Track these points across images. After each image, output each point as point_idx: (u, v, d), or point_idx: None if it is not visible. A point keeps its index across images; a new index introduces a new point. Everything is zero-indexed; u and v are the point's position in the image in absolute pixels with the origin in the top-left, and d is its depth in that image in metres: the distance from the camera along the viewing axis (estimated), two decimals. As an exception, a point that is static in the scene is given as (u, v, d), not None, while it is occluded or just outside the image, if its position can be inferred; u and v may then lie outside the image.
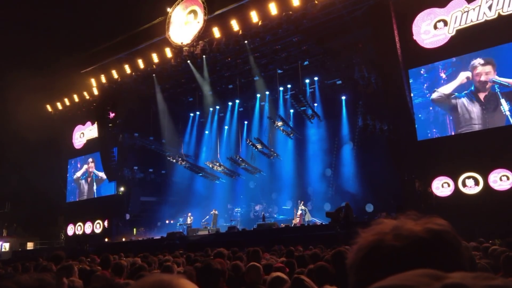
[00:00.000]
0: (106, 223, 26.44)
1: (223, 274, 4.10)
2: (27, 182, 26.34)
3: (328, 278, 3.94)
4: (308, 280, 2.63)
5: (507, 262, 4.25)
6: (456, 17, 16.13)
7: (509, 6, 15.02)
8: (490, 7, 15.42)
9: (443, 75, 16.51)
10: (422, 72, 16.99)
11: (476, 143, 15.11)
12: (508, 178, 14.36)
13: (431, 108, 16.66)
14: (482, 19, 15.57)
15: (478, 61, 15.68)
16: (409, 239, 0.88)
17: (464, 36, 15.89)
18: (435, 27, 16.60)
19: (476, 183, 14.94)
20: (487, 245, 6.92)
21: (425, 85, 16.90)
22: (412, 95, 16.91)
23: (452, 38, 16.23)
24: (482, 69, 15.54)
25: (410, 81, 17.03)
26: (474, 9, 15.76)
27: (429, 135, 16.54)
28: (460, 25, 16.05)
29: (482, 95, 15.54)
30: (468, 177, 15.08)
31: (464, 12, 15.96)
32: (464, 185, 15.17)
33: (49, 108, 29.37)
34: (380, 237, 0.91)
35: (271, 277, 3.84)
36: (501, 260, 4.58)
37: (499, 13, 15.22)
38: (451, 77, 16.30)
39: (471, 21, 15.79)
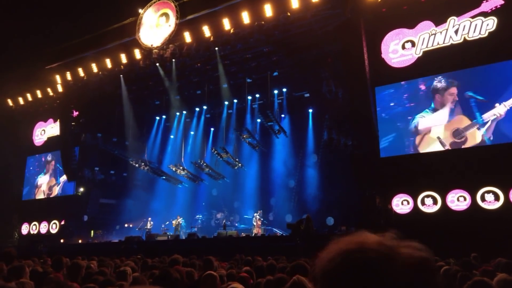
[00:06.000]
0: (62, 223, 25.62)
1: (181, 284, 4.01)
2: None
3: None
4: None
5: (462, 281, 4.33)
6: (424, 38, 16.55)
7: (474, 31, 15.54)
8: (456, 32, 15.89)
9: (422, 87, 16.68)
10: (402, 83, 17.13)
11: (437, 163, 15.47)
12: (465, 199, 14.72)
13: (409, 117, 16.79)
14: (448, 42, 16.03)
15: (443, 82, 16.13)
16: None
17: (431, 58, 16.31)
18: (403, 47, 16.99)
19: (435, 202, 15.25)
20: (441, 264, 7.05)
21: (405, 95, 17.07)
22: (378, 109, 17.21)
23: (419, 59, 16.63)
24: (449, 90, 15.98)
25: (378, 95, 17.31)
26: (441, 32, 16.21)
27: (391, 152, 16.82)
28: (427, 47, 16.48)
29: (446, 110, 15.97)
30: (427, 196, 15.38)
31: (432, 35, 16.39)
32: (423, 203, 15.45)
33: (10, 102, 28.45)
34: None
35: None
36: (457, 279, 4.67)
37: (464, 38, 15.70)
38: (414, 97, 16.70)
39: (438, 43, 16.23)
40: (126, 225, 25.35)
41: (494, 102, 15.10)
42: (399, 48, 17.07)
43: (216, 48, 20.29)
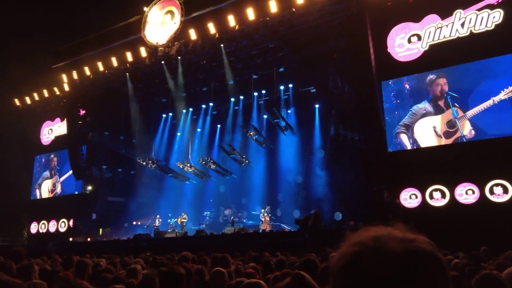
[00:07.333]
0: (71, 222, 25.81)
1: (188, 278, 4.02)
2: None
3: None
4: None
5: (470, 275, 4.31)
6: (430, 32, 16.46)
7: (480, 24, 15.42)
8: (462, 25, 15.79)
9: (407, 86, 17.00)
10: (390, 82, 17.41)
11: (444, 156, 15.41)
12: (473, 192, 14.66)
13: (396, 112, 17.12)
14: (454, 35, 15.93)
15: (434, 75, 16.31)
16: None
17: (437, 51, 16.23)
18: (409, 41, 16.91)
19: (443, 195, 15.21)
20: (450, 258, 7.02)
21: (392, 93, 17.33)
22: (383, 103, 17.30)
23: (425, 52, 16.56)
24: (439, 81, 16.15)
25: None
26: (447, 25, 16.11)
27: (395, 141, 16.82)
28: (433, 40, 16.39)
29: (441, 103, 16.08)
30: (435, 190, 15.33)
31: (438, 28, 16.31)
32: (431, 197, 15.41)
33: (17, 102, 28.70)
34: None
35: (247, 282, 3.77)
36: (466, 273, 4.65)
37: (471, 31, 15.59)
38: (413, 89, 16.81)
39: (444, 37, 16.14)
40: (134, 223, 25.46)
41: (466, 98, 15.52)
42: (405, 42, 17.00)
43: (222, 45, 20.27)
